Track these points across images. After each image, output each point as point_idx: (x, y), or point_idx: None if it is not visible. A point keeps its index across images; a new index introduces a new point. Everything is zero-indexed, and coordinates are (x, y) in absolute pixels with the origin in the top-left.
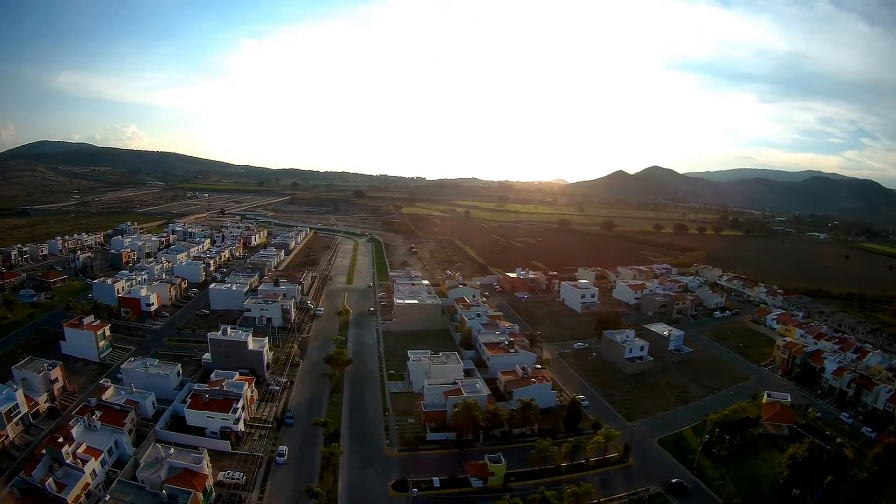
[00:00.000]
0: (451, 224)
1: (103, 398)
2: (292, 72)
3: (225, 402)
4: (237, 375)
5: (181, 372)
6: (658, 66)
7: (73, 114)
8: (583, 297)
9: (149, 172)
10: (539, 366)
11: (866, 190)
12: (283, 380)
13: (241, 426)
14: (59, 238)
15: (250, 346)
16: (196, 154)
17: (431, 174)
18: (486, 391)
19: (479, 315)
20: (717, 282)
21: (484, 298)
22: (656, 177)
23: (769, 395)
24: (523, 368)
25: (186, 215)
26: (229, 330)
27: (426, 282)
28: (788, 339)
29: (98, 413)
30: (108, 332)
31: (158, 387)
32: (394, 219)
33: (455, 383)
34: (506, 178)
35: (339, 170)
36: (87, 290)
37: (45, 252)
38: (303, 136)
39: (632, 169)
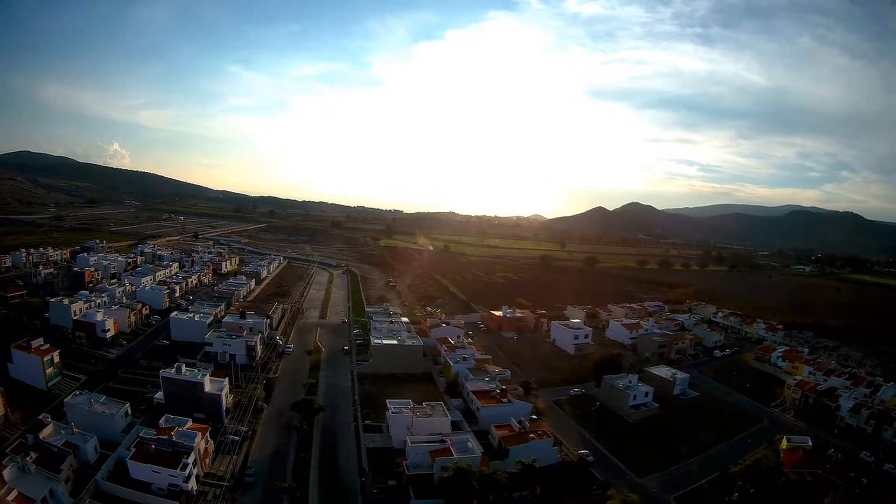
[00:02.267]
0: (430, 258)
1: (41, 436)
2: (277, 99)
3: (174, 456)
4: (190, 423)
5: (129, 412)
6: (639, 105)
7: (57, 126)
8: (576, 337)
9: (127, 191)
10: (535, 416)
11: (847, 222)
12: (244, 428)
13: (192, 484)
14: (23, 250)
15: (207, 387)
16: (176, 177)
17: (409, 206)
18: (478, 450)
19: (465, 358)
20: (713, 319)
21: (469, 339)
22: (636, 213)
23: (789, 440)
24: (520, 422)
25: (159, 237)
26: (184, 368)
27: (405, 319)
28: (798, 377)
29: (33, 454)
30: (56, 358)
31: (103, 428)
32: (371, 251)
33: (443, 441)
34: (484, 212)
35: (316, 199)
36: (45, 308)
37: (8, 264)
38: (282, 165)
39: (611, 205)
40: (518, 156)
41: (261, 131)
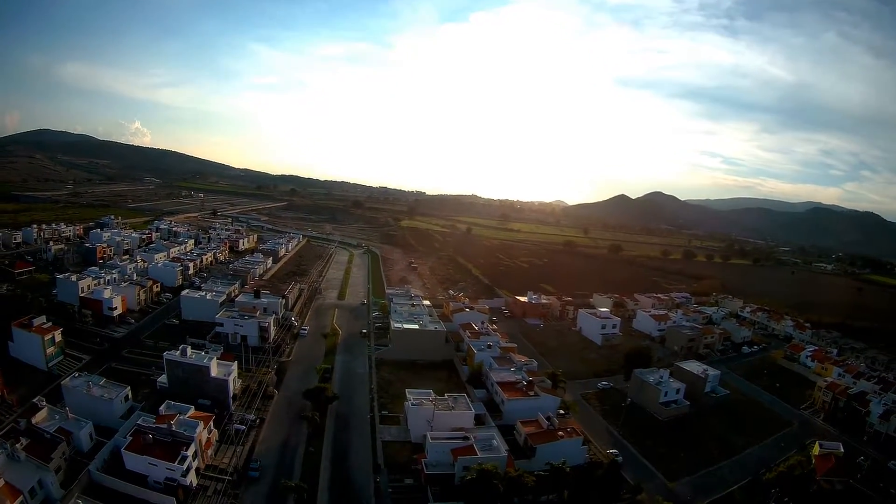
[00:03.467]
0: (453, 240)
1: (33, 421)
2: (299, 79)
3: (172, 447)
4: (192, 410)
5: (130, 396)
6: (664, 95)
7: (77, 105)
8: (603, 327)
9: (147, 169)
10: (562, 412)
11: (867, 222)
12: (252, 417)
13: (191, 478)
14: (34, 226)
15: (213, 372)
16: (197, 154)
17: (431, 189)
18: (504, 448)
19: (489, 346)
20: (740, 313)
21: (493, 326)
22: (658, 202)
23: (821, 446)
24: (548, 418)
25: (177, 213)
26: (189, 350)
27: (427, 302)
28: (828, 378)
29: (24, 441)
30: (58, 337)
31: (101, 413)
32: (392, 231)
33: (466, 438)
34: (506, 196)
35: (338, 179)
36: (54, 285)
37: (19, 240)
38: (304, 144)
39: (633, 194)
40: (541, 141)
41: (282, 111)
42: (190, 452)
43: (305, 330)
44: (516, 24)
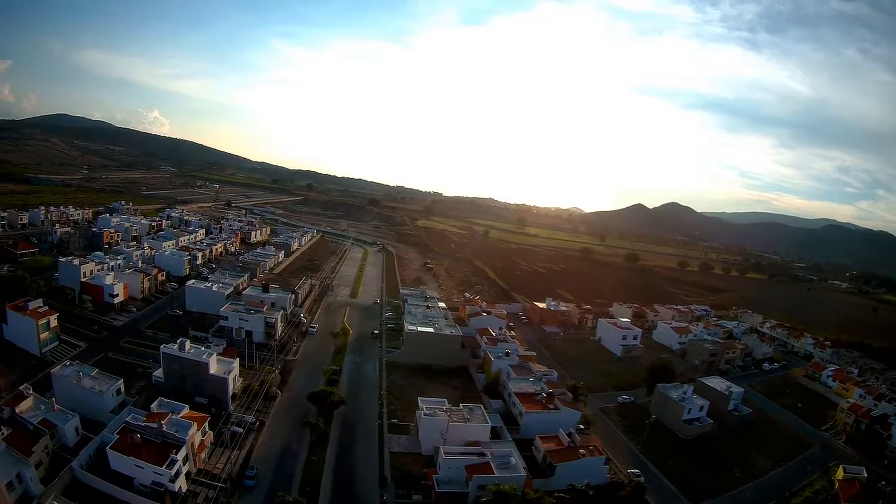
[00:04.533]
0: (469, 242)
1: (17, 410)
2: (319, 75)
3: (161, 449)
4: (186, 410)
5: (123, 390)
6: (683, 105)
7: (96, 92)
8: (624, 338)
9: (164, 158)
10: (582, 426)
11: (881, 241)
12: (251, 419)
13: (180, 483)
14: (42, 208)
15: (212, 368)
16: (214, 146)
17: (448, 190)
18: (522, 467)
19: (507, 353)
20: (759, 329)
21: (511, 332)
22: (674, 213)
23: (845, 470)
24: (569, 434)
25: (190, 202)
26: (188, 344)
27: (443, 305)
28: (850, 399)
29: (5, 430)
30: (53, 322)
31: (90, 405)
32: (408, 230)
33: (482, 454)
34: (522, 201)
35: (355, 177)
36: (56, 268)
37: (25, 221)
38: (323, 140)
39: (650, 203)
40: (559, 147)
41: (301, 106)
42: (180, 456)
43: (314, 328)
44: (536, 29)
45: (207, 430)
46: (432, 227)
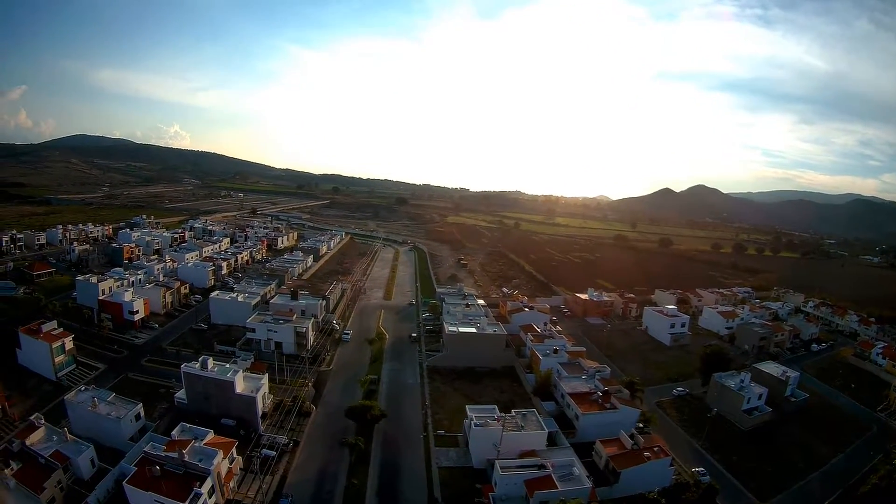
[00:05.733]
0: (501, 235)
1: (28, 443)
2: (339, 78)
3: (184, 481)
4: (210, 435)
5: (142, 414)
6: (703, 87)
7: (114, 110)
8: (672, 326)
9: (186, 171)
10: (641, 424)
11: None
12: (284, 439)
13: None
14: (59, 227)
15: (238, 387)
16: (237, 155)
17: (475, 186)
18: (586, 477)
19: (556, 351)
20: (802, 309)
21: (557, 327)
22: (701, 195)
23: None
24: (631, 436)
25: (214, 213)
26: (210, 363)
27: (482, 302)
28: None
29: (15, 465)
30: (69, 345)
31: (107, 433)
32: (438, 227)
33: (542, 466)
34: (549, 192)
35: (381, 177)
36: (74, 287)
37: (42, 241)
38: (346, 143)
39: (677, 187)
40: (583, 136)
41: (321, 110)
42: (205, 488)
43: (348, 334)
44: (553, 19)
45: (235, 455)
46: (462, 222)
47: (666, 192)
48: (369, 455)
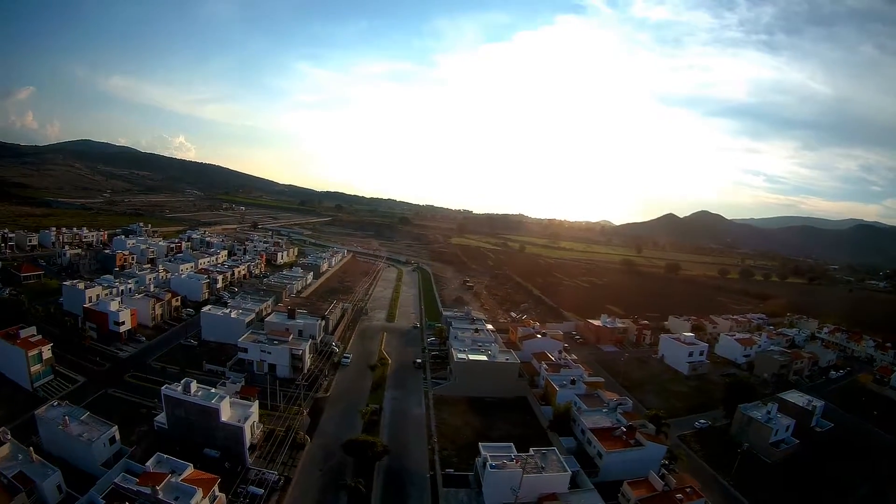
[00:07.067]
0: (506, 258)
1: None
2: (344, 97)
3: None
4: (190, 469)
5: (118, 438)
6: (706, 112)
7: (121, 117)
8: (690, 354)
9: (189, 182)
10: (667, 461)
11: None
12: (273, 476)
13: None
14: (52, 229)
15: (224, 415)
16: (241, 169)
17: (477, 208)
18: None
19: (573, 381)
20: (817, 335)
21: (572, 356)
22: (705, 221)
23: None
24: (662, 476)
25: (214, 225)
26: (193, 386)
27: (490, 327)
28: None
29: None
30: (47, 353)
31: (78, 456)
32: (442, 248)
33: None
34: (552, 216)
35: (384, 196)
36: (61, 292)
37: (34, 243)
38: (349, 161)
39: (680, 213)
40: (586, 160)
41: (327, 128)
42: None
43: (348, 358)
44: (559, 44)
45: (217, 493)
46: (467, 244)
47: (669, 218)
48: (370, 498)
